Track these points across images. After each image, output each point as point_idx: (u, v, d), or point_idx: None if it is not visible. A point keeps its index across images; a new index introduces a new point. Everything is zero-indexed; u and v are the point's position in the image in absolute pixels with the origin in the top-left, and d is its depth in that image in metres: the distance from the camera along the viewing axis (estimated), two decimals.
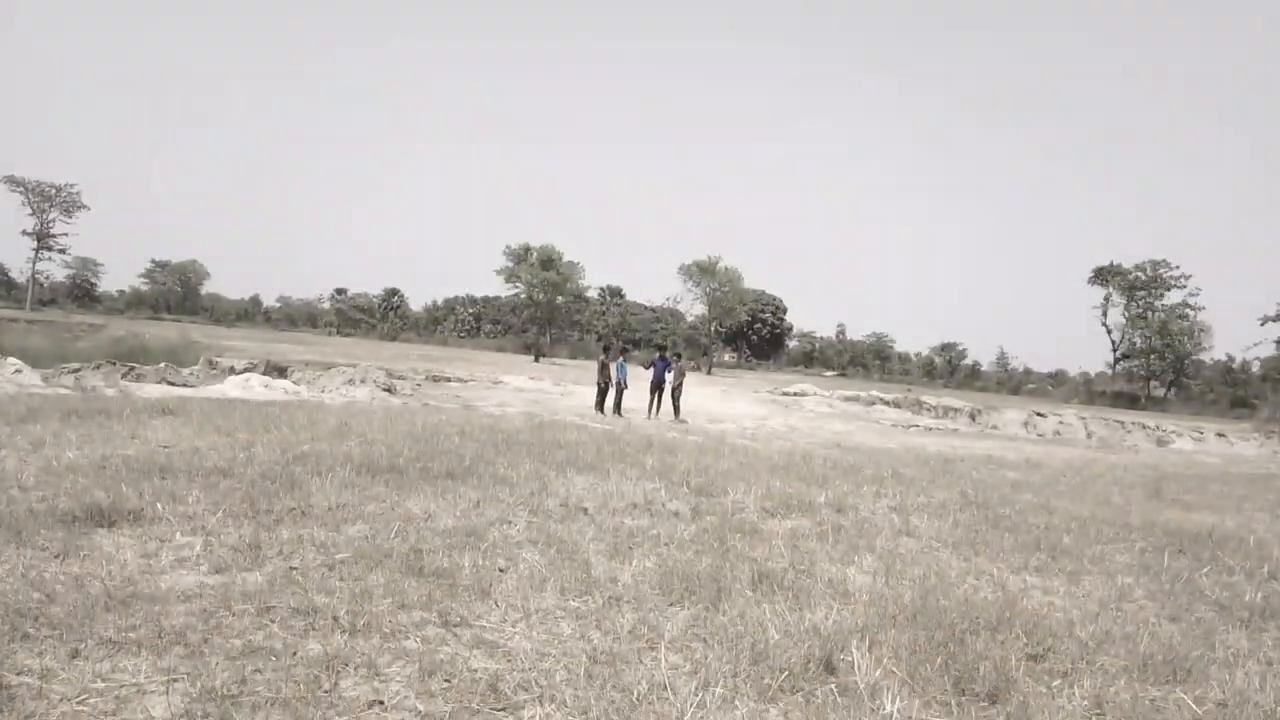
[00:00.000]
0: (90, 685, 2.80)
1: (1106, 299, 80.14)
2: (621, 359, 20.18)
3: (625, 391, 19.61)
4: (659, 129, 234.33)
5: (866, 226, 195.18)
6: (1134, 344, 78.03)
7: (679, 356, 21.26)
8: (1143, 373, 77.33)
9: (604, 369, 19.88)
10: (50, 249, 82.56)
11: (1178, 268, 76.05)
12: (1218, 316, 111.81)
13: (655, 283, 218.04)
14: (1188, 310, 74.82)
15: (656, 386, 19.78)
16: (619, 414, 18.88)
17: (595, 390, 20.06)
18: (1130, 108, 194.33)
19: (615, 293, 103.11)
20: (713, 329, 77.96)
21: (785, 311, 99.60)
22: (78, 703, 2.69)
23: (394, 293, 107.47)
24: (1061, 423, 30.93)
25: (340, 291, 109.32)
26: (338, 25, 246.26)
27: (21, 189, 78.54)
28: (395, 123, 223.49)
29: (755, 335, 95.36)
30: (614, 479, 7.72)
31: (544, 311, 70.25)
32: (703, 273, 72.86)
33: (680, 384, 20.02)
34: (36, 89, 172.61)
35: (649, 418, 18.76)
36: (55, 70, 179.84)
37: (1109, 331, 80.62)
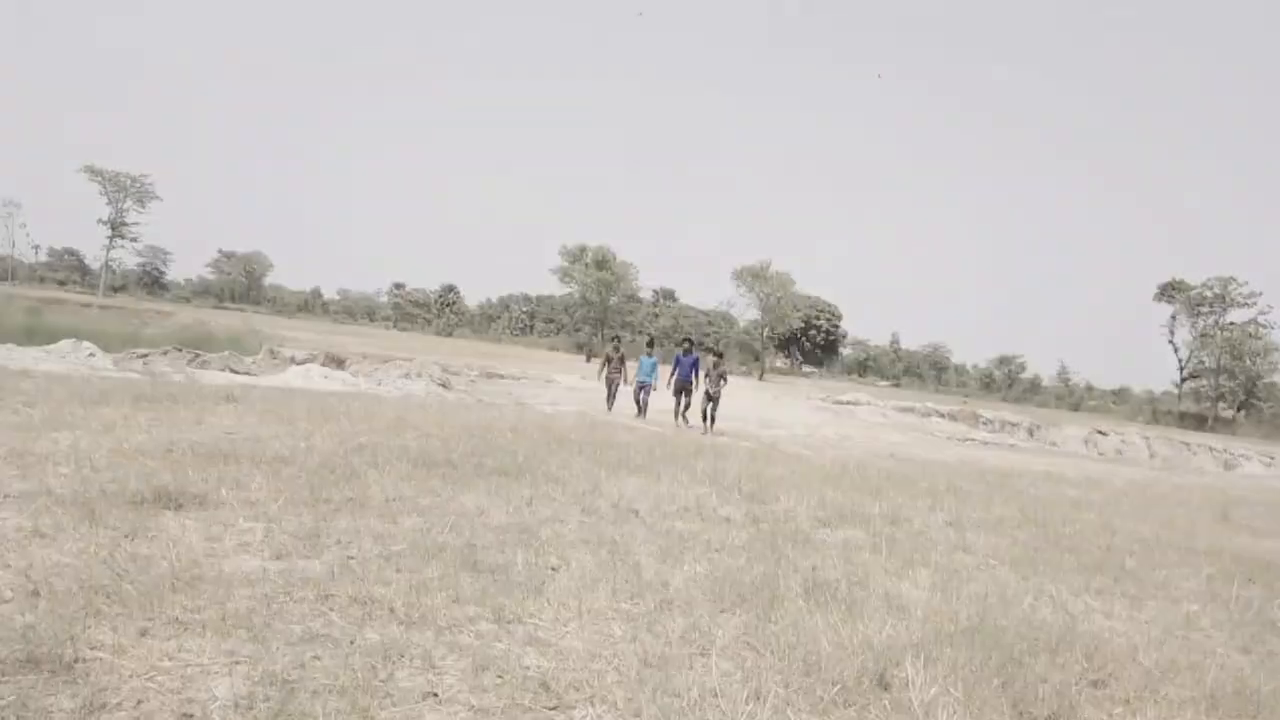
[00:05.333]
0: (158, 663, 2.88)
1: (1174, 316, 77.70)
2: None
3: (654, 392, 17.16)
4: (715, 131, 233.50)
5: (925, 237, 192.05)
6: (1202, 363, 75.56)
7: (720, 356, 17.48)
8: (1211, 393, 74.77)
9: (609, 363, 17.65)
10: (124, 238, 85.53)
11: (1247, 284, 73.37)
12: None
13: (710, 287, 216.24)
14: (1261, 329, 72.09)
15: (681, 389, 16.58)
16: (642, 415, 16.74)
17: (609, 387, 17.70)
18: (1199, 118, 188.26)
19: (668, 295, 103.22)
20: (765, 334, 77.49)
21: (840, 319, 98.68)
22: (146, 679, 2.77)
23: (450, 289, 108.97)
24: (1124, 441, 30.14)
25: (398, 286, 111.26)
26: (395, 20, 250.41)
27: (100, 179, 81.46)
28: (457, 119, 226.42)
29: (809, 342, 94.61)
30: (665, 482, 7.71)
31: (597, 311, 70.69)
32: (754, 278, 72.48)
33: (719, 389, 16.52)
34: (115, 81, 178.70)
35: (677, 423, 16.18)
36: (133, 65, 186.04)
37: (1176, 350, 78.22)
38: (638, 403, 17.04)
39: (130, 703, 2.62)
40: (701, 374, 16.70)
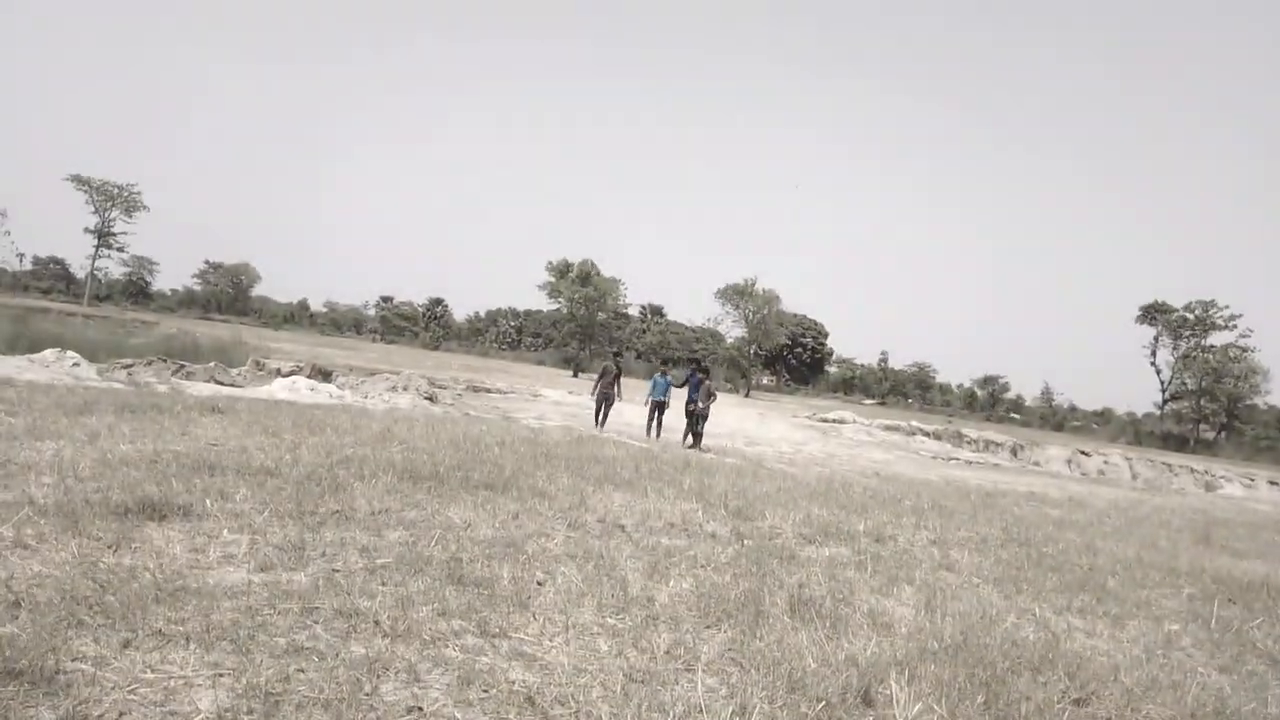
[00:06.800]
0: (140, 675, 2.86)
1: (1156, 338, 78.49)
2: (662, 374, 17.91)
3: (668, 410, 17.35)
4: (707, 150, 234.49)
5: (912, 256, 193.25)
6: (1184, 385, 76.18)
7: (706, 373, 17.77)
8: (1192, 415, 75.37)
9: (605, 377, 17.62)
10: (110, 247, 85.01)
11: (1227, 308, 74.27)
12: (1274, 359, 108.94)
13: (699, 303, 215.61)
14: (1242, 352, 72.81)
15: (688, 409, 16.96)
16: (658, 434, 16.99)
17: (601, 403, 17.50)
18: (1185, 142, 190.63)
19: (656, 311, 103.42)
20: (751, 351, 77.56)
21: (826, 336, 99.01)
22: (128, 691, 2.75)
23: (438, 302, 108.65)
24: (1106, 462, 30.32)
25: (386, 299, 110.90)
26: (387, 34, 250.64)
27: (87, 188, 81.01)
28: (447, 133, 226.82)
29: (794, 359, 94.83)
30: (651, 497, 7.72)
31: (583, 327, 70.67)
32: (739, 295, 72.58)
33: (707, 406, 17.05)
34: (109, 92, 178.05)
35: (683, 442, 16.61)
36: (126, 76, 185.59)
37: (1158, 371, 78.92)
38: (657, 423, 17.27)
39: (112, 715, 2.60)
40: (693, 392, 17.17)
